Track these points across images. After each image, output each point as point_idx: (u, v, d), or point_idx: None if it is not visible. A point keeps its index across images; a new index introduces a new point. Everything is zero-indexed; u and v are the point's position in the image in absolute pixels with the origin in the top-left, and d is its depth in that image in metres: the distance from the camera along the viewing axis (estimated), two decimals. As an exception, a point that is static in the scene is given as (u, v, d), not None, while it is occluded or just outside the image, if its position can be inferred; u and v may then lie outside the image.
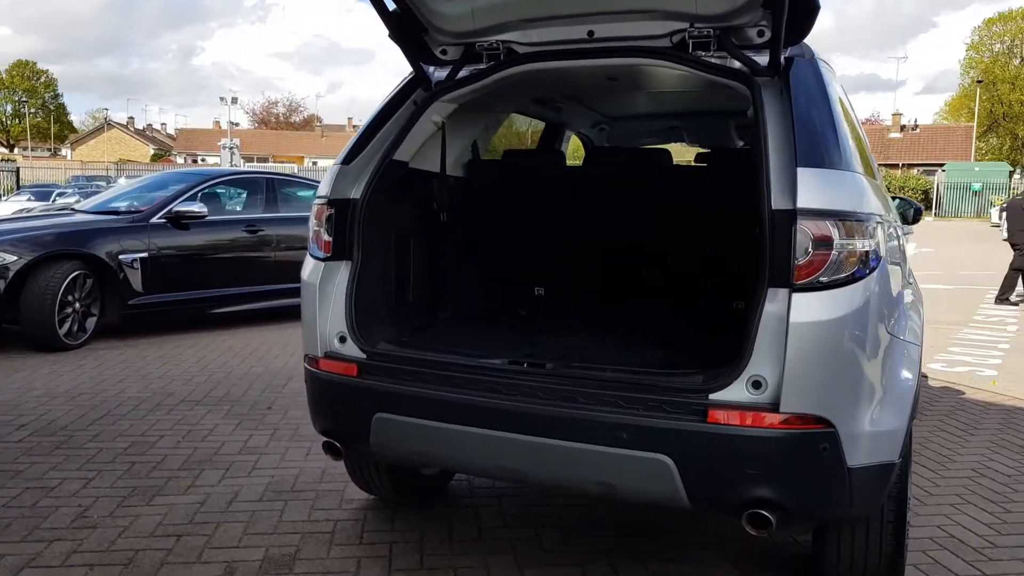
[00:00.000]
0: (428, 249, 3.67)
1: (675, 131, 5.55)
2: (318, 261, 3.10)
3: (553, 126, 5.12)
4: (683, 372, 2.63)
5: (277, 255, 8.82)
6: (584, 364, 2.74)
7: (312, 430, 5.24)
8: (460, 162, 3.94)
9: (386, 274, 3.31)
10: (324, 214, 3.08)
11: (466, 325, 3.64)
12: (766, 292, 2.45)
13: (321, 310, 3.03)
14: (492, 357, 2.85)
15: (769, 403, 2.40)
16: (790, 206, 2.44)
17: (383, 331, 3.11)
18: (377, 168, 3.09)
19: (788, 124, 2.60)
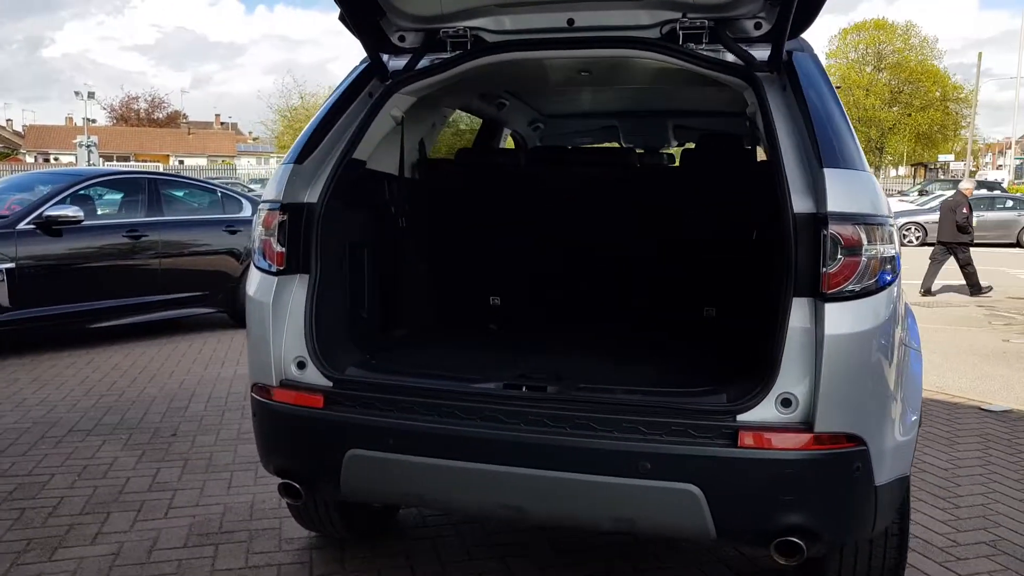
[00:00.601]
0: (387, 259, 3.32)
1: (631, 129, 5.37)
2: (268, 275, 2.70)
3: (492, 124, 4.83)
4: (702, 391, 2.41)
5: (163, 262, 8.09)
6: (589, 385, 2.48)
7: (230, 458, 4.81)
8: (408, 162, 3.60)
9: (346, 288, 2.94)
10: (275, 221, 2.68)
11: (435, 343, 3.31)
12: (790, 302, 2.26)
13: (275, 332, 2.63)
14: (483, 380, 2.54)
15: (800, 422, 2.23)
16: (815, 209, 2.29)
17: (348, 354, 2.75)
18: (336, 168, 2.72)
19: (799, 122, 2.44)
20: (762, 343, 2.44)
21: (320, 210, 2.67)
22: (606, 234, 3.73)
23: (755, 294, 2.93)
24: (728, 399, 2.29)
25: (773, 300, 2.44)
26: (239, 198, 9.37)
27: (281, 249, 2.67)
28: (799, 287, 2.27)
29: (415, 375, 2.62)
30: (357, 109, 2.88)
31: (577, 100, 4.65)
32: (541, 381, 2.56)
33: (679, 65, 2.71)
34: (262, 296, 2.67)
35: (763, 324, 2.60)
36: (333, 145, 2.80)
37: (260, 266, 2.74)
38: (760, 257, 2.94)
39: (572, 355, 3.07)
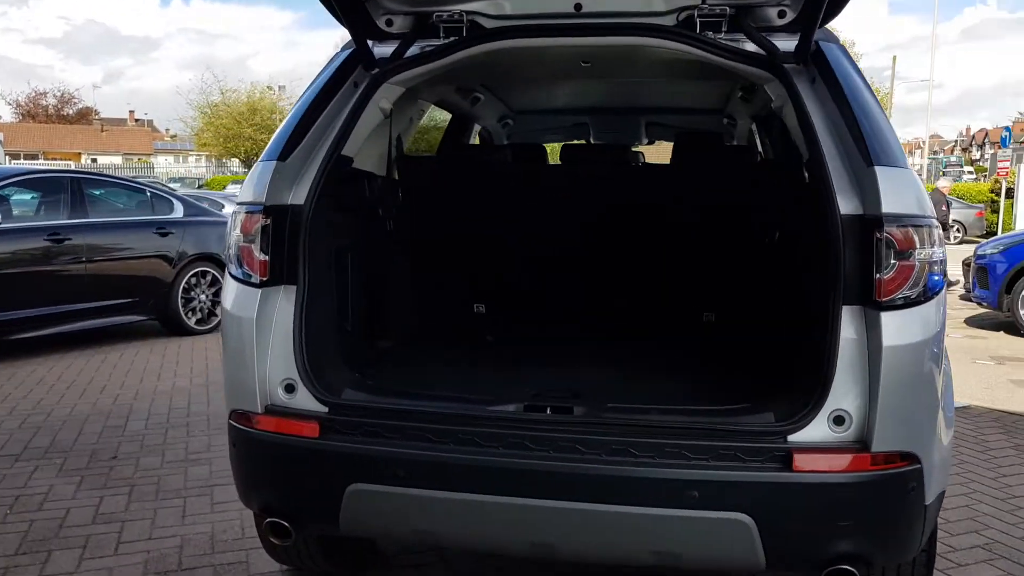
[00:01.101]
0: (372, 265, 3.03)
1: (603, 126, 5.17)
2: (249, 287, 2.39)
3: (462, 119, 4.56)
4: (743, 409, 2.22)
5: (89, 267, 7.52)
6: (619, 405, 2.26)
7: (180, 481, 4.41)
8: (377, 158, 3.32)
9: (336, 300, 2.65)
10: (256, 226, 2.38)
11: (428, 357, 3.04)
12: (839, 311, 2.09)
13: (259, 351, 2.33)
14: (499, 402, 2.29)
15: (854, 441, 2.07)
16: (861, 211, 2.13)
17: (341, 374, 2.46)
18: (324, 166, 2.44)
19: (835, 117, 2.28)
20: (800, 354, 2.27)
21: (308, 213, 2.38)
22: (607, 236, 3.52)
23: (781, 300, 2.77)
24: (776, 418, 2.11)
25: (811, 308, 2.27)
26: (170, 198, 8.84)
27: (264, 257, 2.37)
28: (848, 294, 2.09)
29: (421, 397, 2.36)
30: (342, 101, 2.60)
31: (550, 95, 4.44)
32: (560, 400, 2.33)
33: (697, 55, 2.52)
34: (243, 311, 2.36)
35: (797, 333, 2.44)
36: (317, 140, 2.51)
37: (238, 276, 2.43)
38: (784, 260, 2.78)
39: (583, 369, 2.85)
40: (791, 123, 2.49)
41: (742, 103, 4.10)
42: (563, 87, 4.17)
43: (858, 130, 2.18)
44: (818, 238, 2.29)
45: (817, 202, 2.25)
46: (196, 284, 8.30)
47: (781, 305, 2.77)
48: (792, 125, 2.48)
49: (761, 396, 2.31)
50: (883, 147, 2.15)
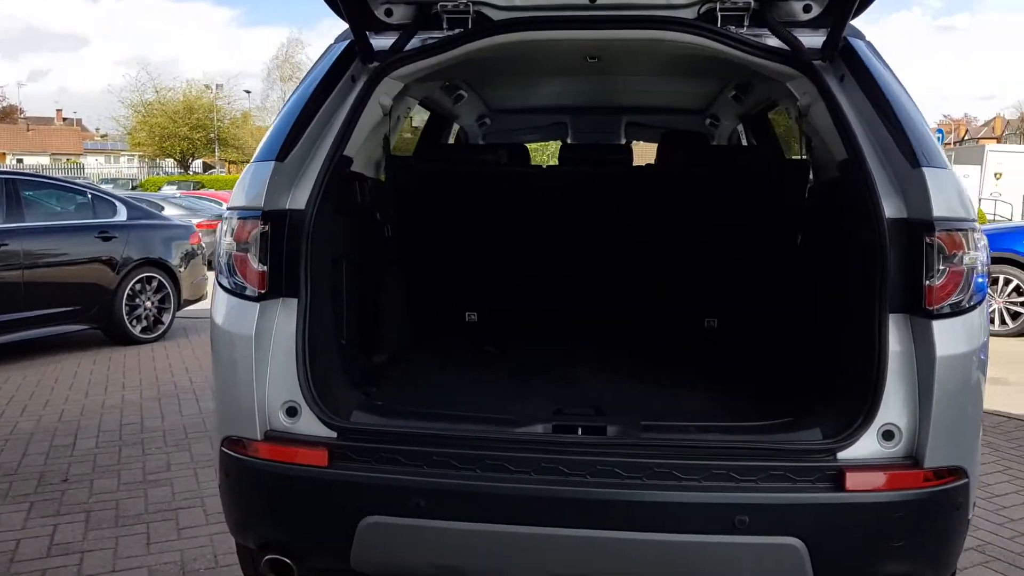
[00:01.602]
0: (368, 273, 2.83)
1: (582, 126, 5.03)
2: (245, 300, 2.17)
3: (441, 118, 4.36)
4: (785, 424, 2.10)
5: (26, 274, 7.06)
6: (654, 423, 2.11)
7: (141, 506, 4.09)
8: (372, 160, 3.12)
9: (338, 313, 2.45)
10: (254, 233, 2.16)
11: (429, 371, 2.86)
12: (886, 320, 1.99)
13: (258, 371, 2.11)
14: (524, 423, 2.12)
15: (904, 457, 1.98)
16: (905, 214, 2.03)
17: (347, 394, 2.26)
18: (326, 166, 2.24)
19: (869, 115, 2.18)
20: (839, 364, 2.16)
21: (310, 218, 2.18)
22: (609, 239, 3.38)
23: (808, 307, 2.66)
24: (824, 434, 1.99)
25: (847, 315, 2.16)
26: (112, 200, 8.40)
27: (262, 268, 2.15)
28: (896, 302, 1.99)
29: (438, 418, 2.17)
30: (339, 96, 2.40)
31: (532, 93, 4.29)
32: (586, 418, 2.18)
33: (717, 50, 2.39)
34: (239, 327, 2.14)
35: (832, 341, 2.33)
36: (316, 139, 2.31)
37: (231, 288, 2.20)
38: (810, 265, 2.68)
39: (598, 381, 2.69)
40: (820, 123, 2.38)
41: (732, 103, 4.02)
42: (547, 85, 4.03)
43: (901, 130, 2.08)
44: (854, 242, 2.19)
45: (855, 204, 2.15)
46: (141, 291, 7.89)
47: (807, 312, 2.67)
48: (822, 125, 2.38)
49: (801, 410, 2.19)
50: (927, 148, 2.06)
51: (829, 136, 2.35)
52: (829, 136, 2.35)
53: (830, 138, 2.34)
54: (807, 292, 2.68)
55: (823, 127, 2.38)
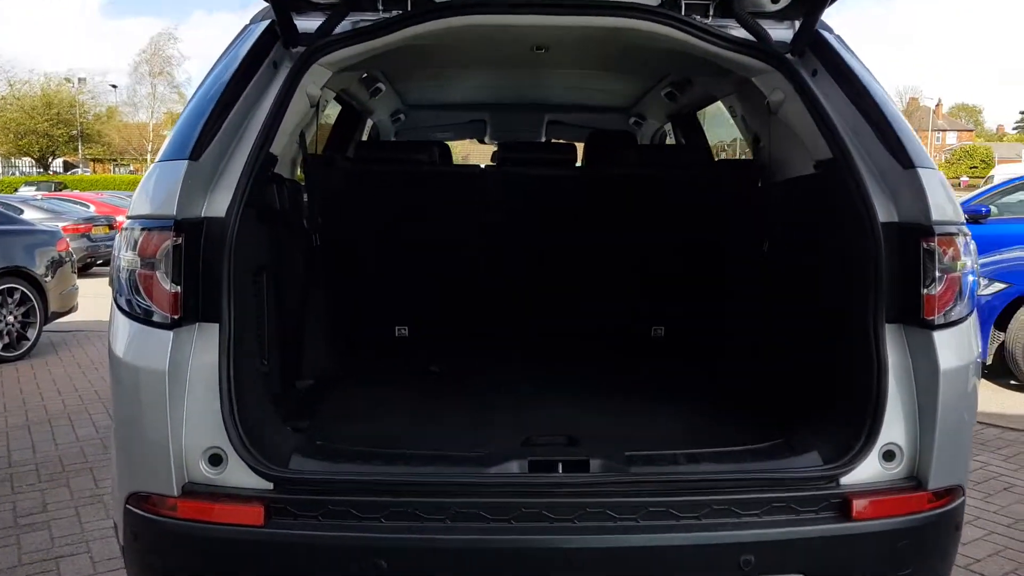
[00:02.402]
0: (290, 289, 2.50)
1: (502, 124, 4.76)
2: (154, 328, 1.81)
3: (354, 113, 4.01)
4: (780, 448, 1.93)
5: None
6: (638, 453, 1.90)
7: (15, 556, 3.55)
8: (287, 158, 2.78)
9: (260, 336, 2.11)
10: (163, 246, 1.80)
11: (375, 400, 2.50)
12: (882, 332, 1.85)
13: (172, 413, 1.76)
14: (495, 460, 1.85)
15: (906, 478, 1.86)
16: (901, 218, 1.91)
17: (283, 435, 1.93)
18: (251, 166, 1.90)
19: (852, 114, 2.05)
20: (828, 380, 2.02)
21: (232, 227, 1.83)
22: (558, 244, 3.14)
23: (780, 317, 2.51)
24: (824, 457, 1.83)
25: (831, 326, 2.03)
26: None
27: (175, 288, 1.79)
28: (893, 312, 1.87)
29: (391, 459, 1.86)
30: (260, 85, 2.07)
31: (453, 88, 4.02)
32: (563, 451, 1.94)
33: (682, 41, 2.20)
34: (147, 360, 1.77)
35: (817, 354, 2.19)
36: (234, 134, 1.97)
37: (135, 313, 1.83)
38: (780, 273, 2.52)
39: (562, 404, 2.44)
40: (794, 120, 2.23)
41: (664, 101, 3.88)
42: (471, 79, 3.78)
43: (888, 128, 1.95)
44: (839, 248, 2.05)
45: (839, 208, 2.01)
46: (2, 304, 7.10)
47: (781, 323, 2.52)
48: (797, 122, 2.22)
49: (791, 430, 2.03)
50: (916, 147, 1.94)
51: (806, 134, 2.20)
52: (806, 134, 2.20)
53: (808, 136, 2.19)
54: (781, 302, 2.53)
55: (798, 124, 2.23)
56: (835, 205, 2.06)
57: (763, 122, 2.91)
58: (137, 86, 42.43)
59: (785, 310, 2.49)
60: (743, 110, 3.02)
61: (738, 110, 3.07)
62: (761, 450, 1.92)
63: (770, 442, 1.96)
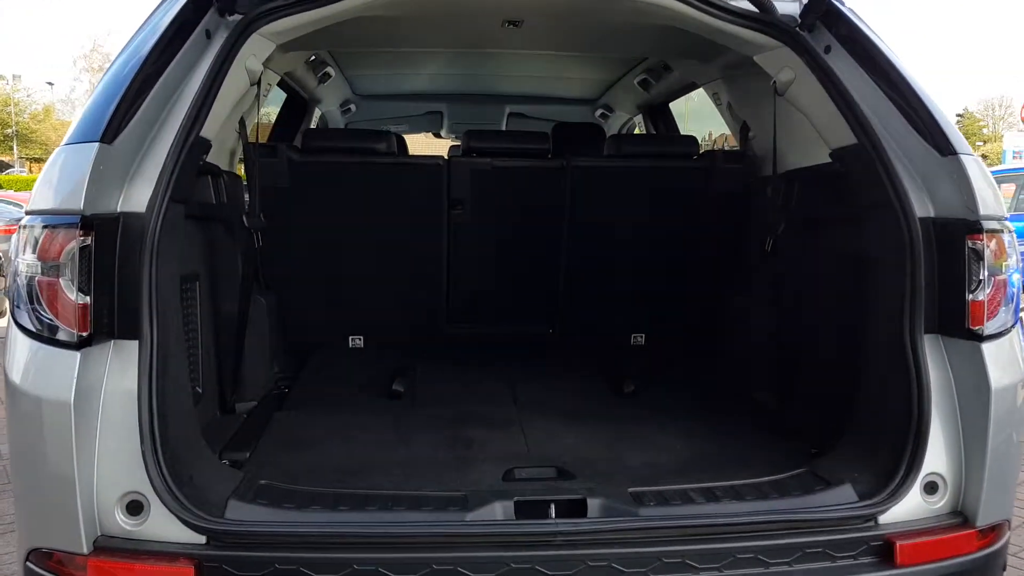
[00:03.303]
0: (230, 298, 2.18)
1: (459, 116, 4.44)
2: (58, 348, 1.48)
3: (301, 100, 3.67)
4: (806, 479, 1.67)
5: None
6: (641, 489, 1.62)
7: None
8: (225, 148, 2.46)
9: (192, 354, 1.80)
10: (69, 247, 1.47)
11: (329, 425, 2.14)
12: (920, 343, 1.62)
13: (80, 452, 1.44)
14: (474, 503, 1.55)
15: (950, 514, 1.62)
16: (936, 213, 1.67)
17: (217, 474, 1.62)
18: (177, 151, 1.59)
19: (875, 94, 1.80)
20: (852, 398, 1.77)
21: (155, 224, 1.52)
22: (536, 242, 2.83)
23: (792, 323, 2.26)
24: (860, 492, 1.57)
25: (863, 335, 1.78)
26: None
27: (83, 299, 1.47)
28: (932, 322, 1.63)
29: (351, 502, 1.55)
30: (189, 57, 1.75)
31: (408, 75, 3.72)
32: (555, 488, 1.66)
33: (679, 13, 1.93)
34: (52, 388, 1.45)
35: (836, 368, 1.95)
36: (158, 115, 1.65)
37: (36, 331, 1.50)
38: (784, 274, 2.27)
39: (545, 426, 2.13)
40: (807, 102, 1.98)
41: (638, 90, 3.61)
42: (428, 65, 3.47)
43: (923, 110, 1.71)
44: (863, 247, 1.81)
45: (863, 202, 1.77)
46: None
47: (790, 332, 2.26)
48: (809, 104, 1.97)
49: (815, 457, 1.78)
50: (954, 131, 1.70)
51: (821, 118, 1.94)
52: (821, 118, 1.94)
53: (823, 120, 1.94)
54: (794, 309, 2.26)
55: (810, 107, 1.98)
56: (858, 198, 1.82)
57: (753, 109, 2.67)
58: (75, 83, 40.90)
59: (798, 318, 2.24)
60: (730, 97, 2.76)
61: (723, 97, 2.81)
62: (786, 483, 1.65)
63: (794, 472, 1.70)
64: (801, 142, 2.26)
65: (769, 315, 2.32)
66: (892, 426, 1.62)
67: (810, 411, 2.13)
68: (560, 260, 2.85)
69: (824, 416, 1.99)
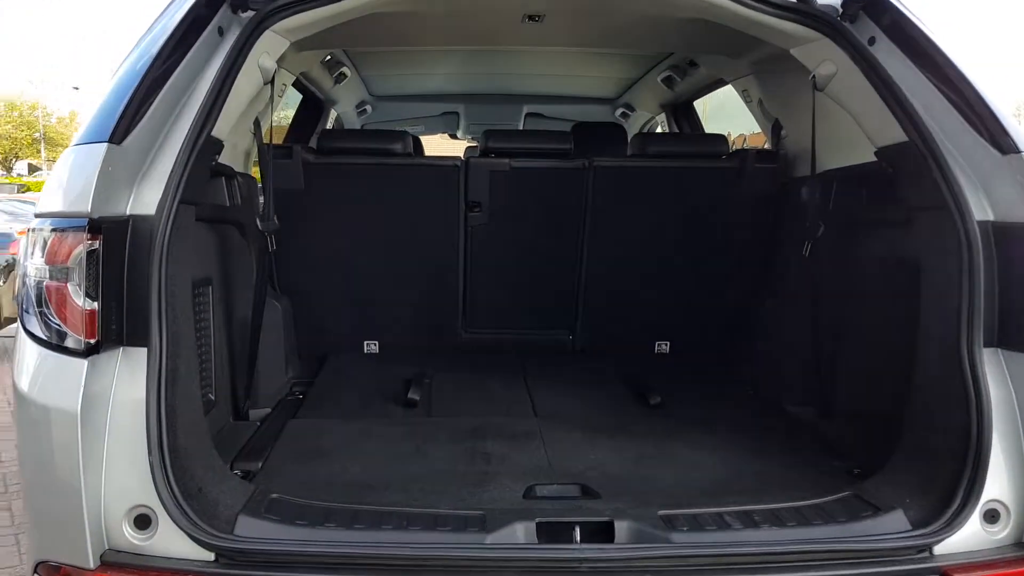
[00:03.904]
0: (244, 302, 2.13)
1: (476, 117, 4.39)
2: (65, 356, 1.44)
3: (317, 101, 3.62)
4: (851, 504, 1.58)
5: None
6: (674, 512, 1.53)
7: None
8: (240, 149, 2.41)
9: (205, 361, 1.75)
10: (77, 251, 1.43)
11: (343, 436, 2.09)
12: (979, 358, 1.52)
13: (88, 464, 1.39)
14: (494, 524, 1.48)
15: (1013, 544, 1.51)
16: (1003, 217, 1.56)
17: (229, 487, 1.56)
18: (187, 151, 1.54)
19: (927, 88, 1.70)
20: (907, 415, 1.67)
21: (165, 227, 1.47)
22: (557, 245, 2.76)
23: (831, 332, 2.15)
24: (912, 519, 1.48)
25: (913, 347, 1.68)
26: None
27: (92, 305, 1.42)
28: (993, 335, 1.53)
29: (365, 520, 1.49)
30: (202, 54, 1.69)
31: (422, 75, 3.68)
32: (579, 509, 1.59)
33: (718, 6, 1.85)
34: (59, 397, 1.40)
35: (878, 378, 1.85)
36: (168, 114, 1.60)
37: (44, 338, 1.46)
38: (824, 281, 2.16)
39: (573, 440, 2.05)
40: (848, 98, 1.89)
41: (661, 88, 3.52)
42: (443, 65, 3.42)
43: (980, 106, 1.60)
44: (911, 254, 1.72)
45: (914, 204, 1.70)
46: (-54, 313, 6.63)
47: (830, 341, 2.16)
48: (851, 101, 1.88)
49: (861, 478, 1.70)
50: (1015, 128, 1.59)
51: (866, 114, 1.85)
52: (866, 114, 1.85)
53: (868, 117, 1.85)
54: (834, 317, 2.16)
55: (853, 102, 1.88)
56: (907, 199, 1.73)
57: (787, 106, 2.58)
58: (103, 85, 41.36)
59: (838, 326, 2.13)
60: (762, 93, 2.67)
61: (754, 94, 2.72)
62: (830, 507, 1.56)
63: (838, 495, 1.60)
64: (839, 140, 2.17)
65: (805, 323, 2.20)
66: (948, 447, 1.52)
67: (852, 427, 2.03)
68: (581, 264, 2.77)
69: (868, 433, 1.89)
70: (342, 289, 2.72)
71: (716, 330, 2.81)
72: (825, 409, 2.23)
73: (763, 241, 2.65)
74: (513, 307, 2.86)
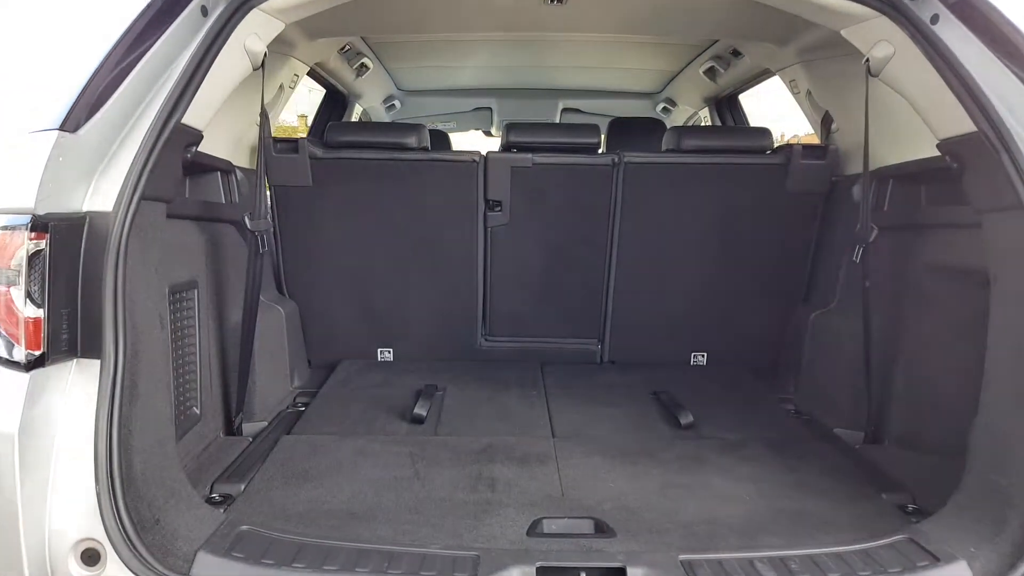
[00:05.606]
0: (236, 308, 1.98)
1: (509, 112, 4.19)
2: (7, 370, 1.29)
3: (339, 95, 3.47)
4: (903, 548, 1.36)
5: None
6: (696, 557, 1.33)
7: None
8: (243, 142, 2.26)
9: (173, 375, 1.60)
10: (19, 252, 1.28)
11: (338, 456, 1.91)
12: None
13: (26, 492, 1.24)
14: (488, 566, 1.29)
15: None
16: None
17: (193, 517, 1.40)
18: (152, 140, 1.38)
19: (1000, 71, 1.49)
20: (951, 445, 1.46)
21: (122, 226, 1.31)
22: (583, 248, 2.56)
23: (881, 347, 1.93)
24: (978, 571, 1.26)
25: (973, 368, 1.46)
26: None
27: (35, 313, 1.27)
28: None
29: (343, 561, 1.31)
30: (183, 34, 1.53)
31: (448, 66, 3.49)
32: (591, 552, 1.39)
33: None
34: None
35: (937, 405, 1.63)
36: (139, 100, 1.44)
37: None
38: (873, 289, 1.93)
39: (588, 466, 1.84)
40: (907, 84, 1.66)
41: (703, 79, 3.28)
42: (468, 53, 3.22)
43: None
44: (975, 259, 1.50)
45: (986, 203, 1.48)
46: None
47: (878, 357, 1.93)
48: (911, 87, 1.65)
49: (914, 517, 1.47)
50: None
51: (927, 102, 1.62)
52: (927, 102, 1.62)
53: (929, 105, 1.62)
54: (882, 329, 1.92)
55: (913, 89, 1.65)
56: (976, 199, 1.51)
57: (837, 97, 2.34)
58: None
59: (892, 342, 1.90)
60: (810, 84, 2.43)
61: (802, 85, 2.48)
62: (880, 553, 1.34)
63: (890, 539, 1.38)
64: (896, 133, 1.94)
65: (856, 337, 1.97)
66: (1021, 488, 1.30)
67: (906, 456, 1.80)
68: (610, 267, 2.56)
69: (925, 463, 1.66)
70: (354, 293, 2.56)
71: (757, 342, 2.57)
72: (875, 434, 1.99)
73: (810, 245, 2.42)
74: (536, 314, 2.65)
